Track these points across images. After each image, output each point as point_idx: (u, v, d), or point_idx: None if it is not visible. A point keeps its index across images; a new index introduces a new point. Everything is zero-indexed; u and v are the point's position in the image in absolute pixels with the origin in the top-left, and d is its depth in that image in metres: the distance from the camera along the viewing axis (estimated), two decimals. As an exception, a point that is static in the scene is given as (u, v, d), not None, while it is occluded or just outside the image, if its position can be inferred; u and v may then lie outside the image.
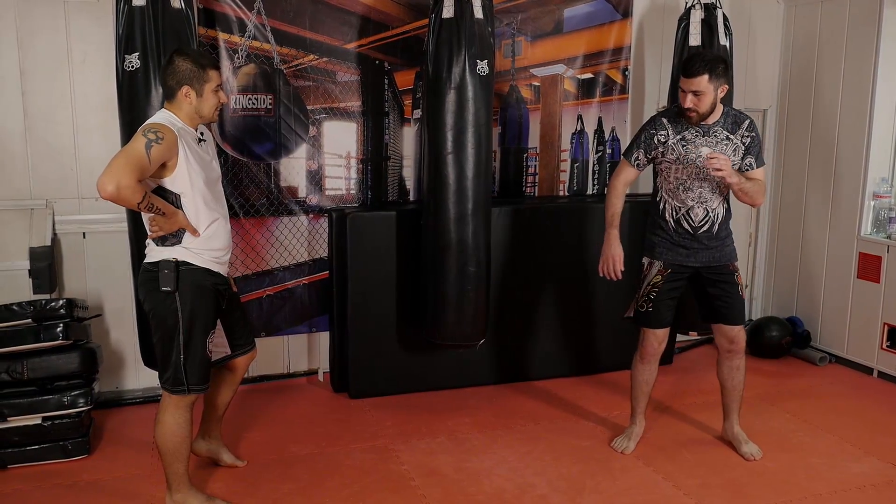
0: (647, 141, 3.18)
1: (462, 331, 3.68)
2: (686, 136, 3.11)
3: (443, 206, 3.56)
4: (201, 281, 2.67)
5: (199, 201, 2.63)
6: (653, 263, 3.26)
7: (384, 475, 3.17)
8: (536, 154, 4.46)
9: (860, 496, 3.06)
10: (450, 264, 3.59)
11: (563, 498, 3.01)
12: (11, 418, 3.15)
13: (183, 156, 2.56)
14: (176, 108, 2.65)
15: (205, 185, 2.64)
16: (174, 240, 2.63)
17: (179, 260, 2.62)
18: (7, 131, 3.58)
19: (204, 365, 2.72)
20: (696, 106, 3.02)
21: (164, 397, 2.73)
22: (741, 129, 3.11)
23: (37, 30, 3.56)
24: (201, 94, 2.63)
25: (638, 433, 3.45)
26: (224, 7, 3.73)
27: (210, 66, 2.66)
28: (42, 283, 3.43)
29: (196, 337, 2.66)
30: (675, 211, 3.18)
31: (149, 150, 2.43)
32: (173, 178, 2.57)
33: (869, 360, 4.41)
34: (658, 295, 3.24)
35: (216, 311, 2.76)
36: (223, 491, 3.01)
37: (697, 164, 3.07)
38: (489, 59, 3.52)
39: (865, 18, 4.29)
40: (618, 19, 4.47)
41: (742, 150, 3.11)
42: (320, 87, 3.96)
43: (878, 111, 4.28)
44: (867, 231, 4.39)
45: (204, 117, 2.69)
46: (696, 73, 2.97)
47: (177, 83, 2.61)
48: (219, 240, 2.72)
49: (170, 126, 2.55)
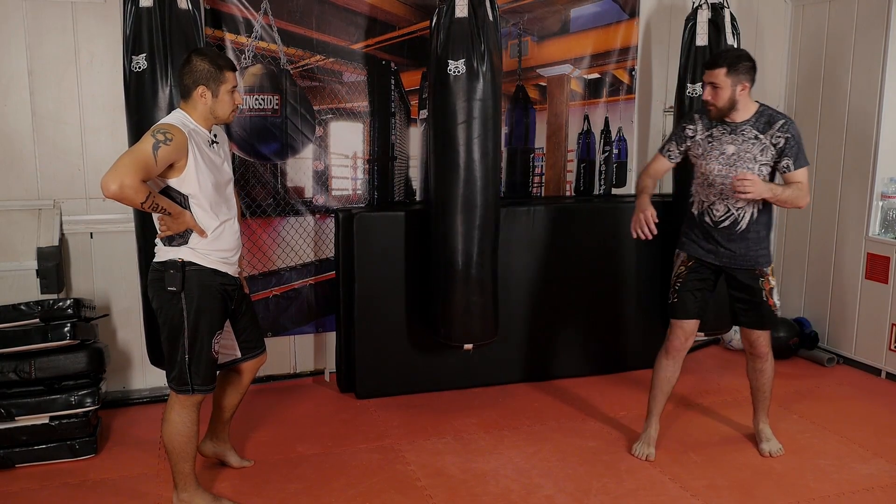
0: (679, 133, 3.25)
1: (471, 331, 3.69)
2: (714, 133, 3.14)
3: (450, 207, 3.55)
4: (208, 281, 2.66)
5: (207, 203, 2.62)
6: (679, 255, 3.31)
7: (390, 475, 3.17)
8: (543, 154, 4.45)
9: (868, 497, 3.05)
10: (456, 264, 3.59)
11: (569, 499, 3.00)
12: (19, 417, 3.17)
13: (192, 158, 2.55)
14: (191, 108, 2.64)
15: (213, 188, 2.64)
16: (181, 240, 2.63)
17: (186, 260, 2.62)
18: (15, 131, 3.60)
19: (209, 366, 2.72)
20: (712, 99, 3.04)
21: (171, 396, 2.73)
22: (773, 129, 3.04)
23: (44, 31, 3.57)
24: (217, 95, 2.63)
25: (654, 437, 3.40)
26: (231, 7, 3.74)
27: (227, 68, 2.65)
28: (50, 283, 3.44)
29: (202, 337, 2.66)
30: (700, 205, 3.22)
31: (156, 151, 2.43)
32: (181, 180, 2.57)
33: (877, 361, 4.39)
34: (682, 285, 3.26)
35: (223, 311, 2.75)
36: (230, 490, 3.02)
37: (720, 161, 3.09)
38: (490, 58, 3.51)
39: (874, 18, 4.28)
40: (624, 19, 4.46)
41: (771, 150, 3.05)
42: (327, 87, 3.97)
43: (886, 111, 4.26)
44: (875, 231, 4.37)
45: (219, 118, 2.68)
46: (715, 66, 3.01)
47: (193, 82, 2.61)
48: (226, 241, 2.71)
49: (180, 127, 2.55)
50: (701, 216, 3.21)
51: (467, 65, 3.42)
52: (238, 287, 2.84)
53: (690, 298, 3.25)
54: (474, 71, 3.44)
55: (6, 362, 3.19)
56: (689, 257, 3.26)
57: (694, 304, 3.25)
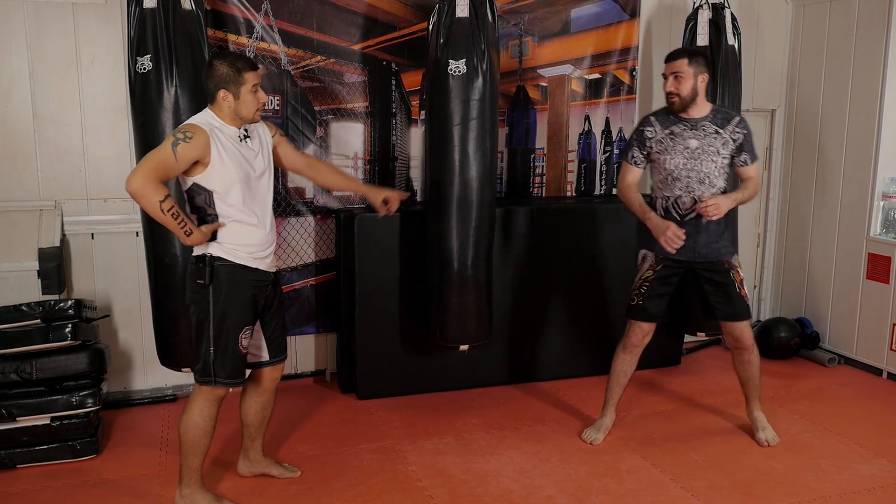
0: (638, 138, 3.35)
1: (465, 332, 3.69)
2: (674, 130, 3.25)
3: (446, 207, 3.56)
4: (236, 277, 2.71)
5: (233, 199, 2.68)
6: (646, 257, 3.37)
7: (391, 476, 3.17)
8: (544, 155, 4.45)
9: (869, 498, 3.05)
10: (451, 264, 3.59)
11: (570, 499, 3.00)
12: (20, 418, 3.17)
13: (216, 154, 2.62)
14: (217, 109, 2.71)
15: (241, 183, 2.68)
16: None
17: (215, 255, 2.69)
18: (16, 133, 3.60)
19: (235, 360, 2.75)
20: (676, 89, 3.20)
21: (195, 388, 2.78)
22: (731, 125, 3.24)
23: (45, 32, 3.58)
24: (238, 97, 2.68)
25: (607, 425, 3.55)
26: (232, 8, 3.74)
27: (246, 69, 2.69)
28: (51, 284, 3.44)
29: (227, 331, 2.70)
30: (665, 200, 3.29)
31: (175, 148, 2.54)
32: (205, 176, 2.63)
33: (878, 361, 4.39)
34: (648, 290, 3.35)
35: (253, 307, 2.78)
36: (231, 491, 3.02)
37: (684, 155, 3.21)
38: (491, 57, 3.52)
39: (874, 18, 4.27)
40: (625, 19, 4.46)
41: (731, 143, 3.22)
42: (328, 87, 3.97)
43: (887, 111, 4.26)
44: (876, 231, 4.37)
45: (244, 118, 2.72)
46: (676, 57, 3.22)
47: (214, 86, 2.68)
48: (254, 237, 2.74)
49: (203, 125, 2.63)
50: (667, 213, 3.27)
51: (468, 65, 3.43)
52: (271, 283, 2.86)
53: (654, 303, 3.36)
54: (475, 71, 3.44)
55: (7, 363, 3.19)
56: (657, 261, 3.33)
57: (657, 308, 3.38)
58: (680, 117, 3.25)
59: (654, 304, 3.36)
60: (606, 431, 3.53)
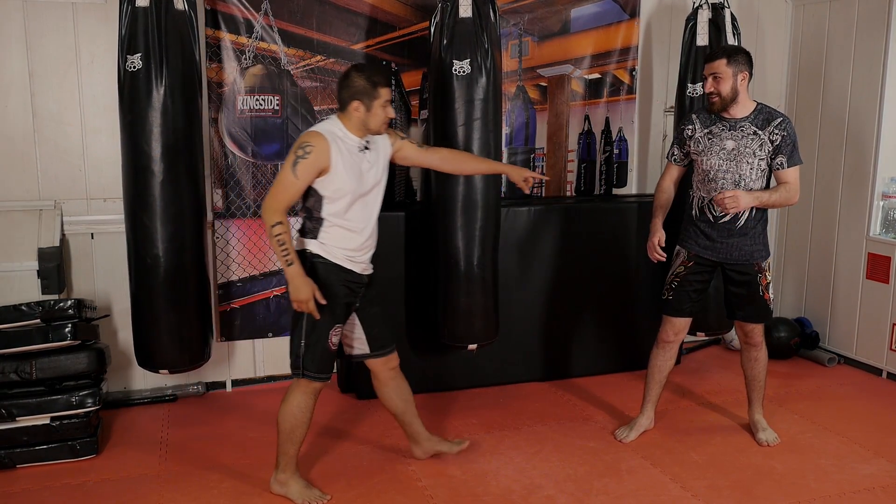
0: (679, 136, 3.35)
1: (472, 331, 3.70)
2: (713, 130, 3.21)
3: (451, 207, 3.56)
4: (330, 276, 2.80)
5: (341, 207, 2.77)
6: (679, 253, 3.36)
7: (391, 476, 3.17)
8: (543, 154, 4.45)
9: (869, 498, 3.05)
10: (458, 264, 3.59)
11: (570, 499, 3.00)
12: (20, 418, 3.17)
13: (335, 162, 2.71)
14: (346, 118, 2.78)
15: (351, 193, 2.76)
16: (312, 234, 2.80)
17: (314, 252, 2.80)
18: (16, 132, 3.60)
19: (324, 355, 2.84)
20: (715, 89, 3.13)
21: (294, 381, 2.91)
22: (771, 126, 3.14)
23: (45, 31, 3.57)
24: (370, 109, 2.75)
25: (642, 425, 3.53)
26: (231, 8, 3.74)
27: (382, 84, 2.76)
28: (51, 284, 3.44)
29: (319, 327, 2.79)
30: (701, 201, 3.27)
31: (295, 168, 2.66)
32: (323, 181, 2.73)
33: (878, 361, 4.39)
34: (679, 285, 3.35)
35: (345, 306, 2.88)
36: (232, 491, 3.02)
37: (720, 157, 3.17)
38: (491, 57, 3.52)
39: (874, 17, 4.27)
40: (625, 19, 4.46)
41: (769, 146, 3.14)
42: (327, 87, 3.97)
43: (887, 111, 4.25)
44: (876, 231, 4.37)
45: (371, 130, 2.81)
46: (715, 58, 3.13)
47: (349, 97, 2.75)
48: (353, 241, 2.83)
49: (325, 134, 2.71)
50: (701, 213, 3.26)
51: (472, 64, 3.44)
52: (365, 285, 2.95)
53: (685, 298, 3.35)
54: (479, 70, 3.45)
55: (7, 363, 3.19)
56: (688, 257, 3.31)
57: (688, 303, 3.36)
58: (721, 117, 3.19)
59: (682, 300, 3.34)
60: (640, 431, 3.51)
